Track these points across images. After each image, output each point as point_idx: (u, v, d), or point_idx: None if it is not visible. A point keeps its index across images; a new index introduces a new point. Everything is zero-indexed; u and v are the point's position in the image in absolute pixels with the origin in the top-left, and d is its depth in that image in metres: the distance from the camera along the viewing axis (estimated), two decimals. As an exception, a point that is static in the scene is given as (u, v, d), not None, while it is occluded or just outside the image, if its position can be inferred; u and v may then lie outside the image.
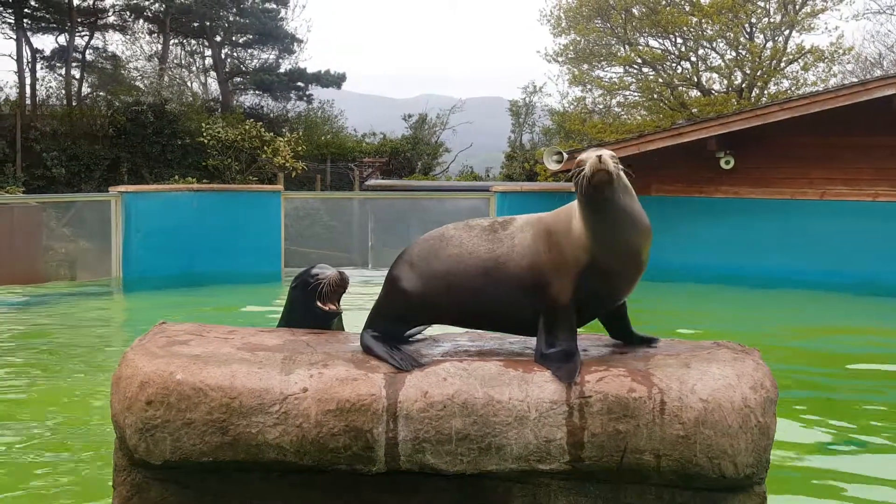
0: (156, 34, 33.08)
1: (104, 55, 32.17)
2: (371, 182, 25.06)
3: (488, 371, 3.30)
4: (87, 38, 30.66)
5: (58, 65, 30.28)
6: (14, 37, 28.79)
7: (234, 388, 3.27)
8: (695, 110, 26.00)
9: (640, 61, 27.56)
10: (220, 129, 25.22)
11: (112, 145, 25.08)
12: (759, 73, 26.42)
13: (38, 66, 29.74)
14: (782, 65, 26.44)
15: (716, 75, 27.99)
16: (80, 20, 29.77)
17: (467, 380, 3.26)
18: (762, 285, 13.97)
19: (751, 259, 14.86)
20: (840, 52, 26.31)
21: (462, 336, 3.87)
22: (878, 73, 29.16)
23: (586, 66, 28.42)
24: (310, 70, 32.95)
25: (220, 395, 3.26)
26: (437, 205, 17.62)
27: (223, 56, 33.68)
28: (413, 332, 3.80)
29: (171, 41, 33.28)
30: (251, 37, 33.04)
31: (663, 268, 9.87)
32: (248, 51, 34.26)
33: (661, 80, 27.74)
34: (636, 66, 27.94)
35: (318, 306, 4.06)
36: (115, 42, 33.52)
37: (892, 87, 13.67)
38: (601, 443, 3.15)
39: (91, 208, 15.45)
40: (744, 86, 26.81)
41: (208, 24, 32.01)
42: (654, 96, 27.79)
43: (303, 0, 39.07)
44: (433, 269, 3.50)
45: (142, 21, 32.36)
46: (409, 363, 3.37)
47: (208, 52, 34.01)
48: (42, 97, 28.98)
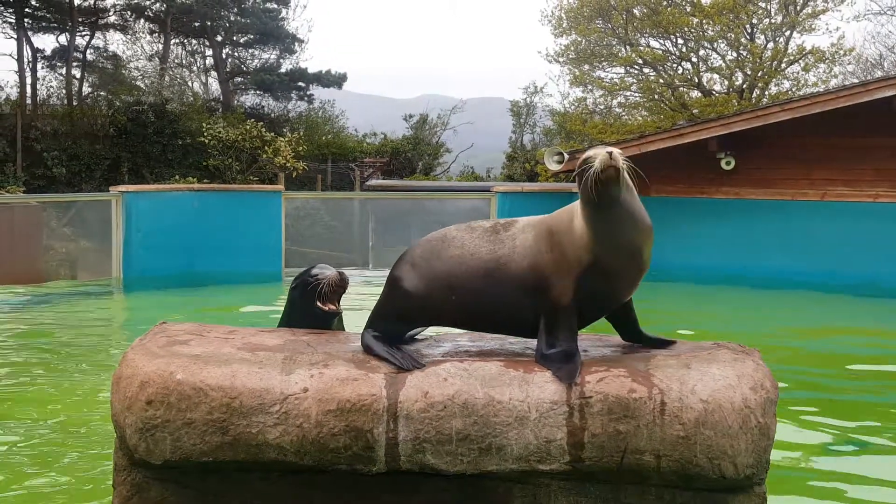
0: (157, 34, 33.07)
1: (105, 55, 32.17)
2: (372, 182, 25.07)
3: (489, 371, 3.30)
4: (87, 38, 30.65)
5: (58, 64, 30.27)
6: (15, 36, 28.78)
7: (235, 387, 3.27)
8: (695, 111, 26.01)
9: (640, 62, 27.56)
10: (220, 129, 25.22)
11: (113, 145, 25.08)
12: (759, 74, 26.42)
13: (39, 65, 29.73)
14: (783, 65, 26.45)
15: (717, 76, 28.01)
16: (80, 20, 29.77)
17: (468, 380, 3.26)
18: (762, 286, 13.96)
19: (751, 259, 14.85)
20: (841, 53, 26.33)
21: (462, 336, 3.86)
22: (878, 74, 29.15)
23: (587, 67, 28.44)
24: (311, 70, 32.99)
25: (221, 394, 3.26)
26: (437, 205, 17.61)
27: (224, 56, 33.68)
28: (414, 332, 3.80)
29: (172, 41, 33.27)
30: (252, 37, 33.04)
31: (664, 268, 9.84)
32: (249, 51, 34.27)
33: (661, 80, 27.74)
34: (637, 67, 27.95)
35: (318, 306, 4.06)
36: (115, 42, 33.55)
37: (893, 89, 13.66)
38: (601, 443, 3.15)
39: (91, 208, 15.44)
40: (745, 86, 26.82)
41: (209, 23, 32.02)
42: (655, 97, 27.80)
43: (304, 0, 38.94)
44: (435, 270, 3.49)
45: (143, 21, 32.36)
46: (410, 363, 3.37)
47: (209, 51, 34.02)
48: (43, 97, 28.97)
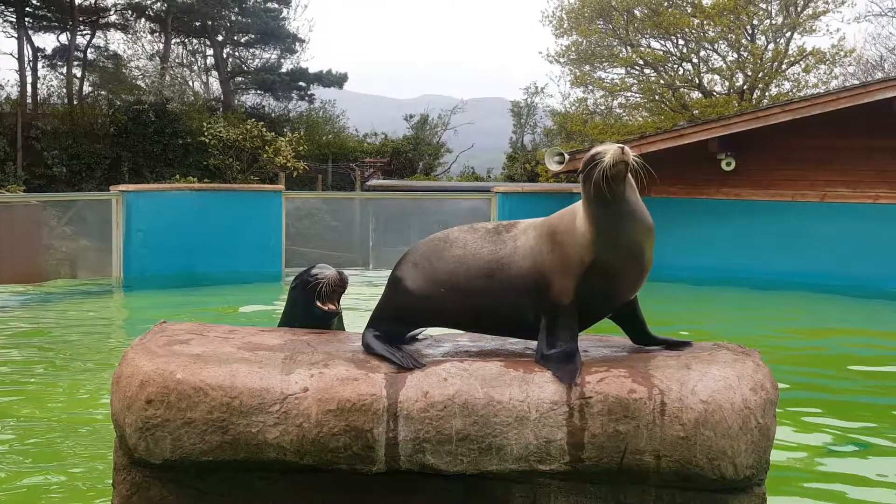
0: (157, 33, 33.08)
1: (106, 54, 32.20)
2: (372, 182, 25.09)
3: (489, 371, 3.30)
4: (88, 37, 30.67)
5: (59, 63, 30.29)
6: (16, 35, 28.80)
7: (235, 387, 3.27)
8: (696, 112, 26.00)
9: (641, 63, 27.56)
10: (221, 129, 25.23)
11: (113, 144, 25.09)
12: (760, 75, 26.42)
13: (40, 64, 29.77)
14: (783, 67, 26.45)
15: (717, 77, 28.00)
16: (81, 19, 29.78)
17: (468, 380, 3.26)
18: (762, 286, 13.97)
19: (751, 260, 14.86)
20: (841, 54, 26.33)
21: (463, 336, 3.86)
22: (879, 75, 29.18)
23: (588, 68, 28.43)
24: (311, 70, 33.05)
25: (221, 394, 3.26)
26: (438, 205, 17.62)
27: (225, 55, 33.69)
28: (414, 332, 3.80)
29: (173, 40, 33.28)
30: (253, 36, 33.06)
31: (664, 269, 9.83)
32: (250, 50, 34.30)
33: (662, 81, 27.74)
34: (638, 68, 27.94)
35: (318, 306, 4.06)
36: (116, 41, 33.53)
37: (893, 90, 13.67)
38: (601, 443, 3.14)
39: (92, 207, 15.44)
40: (745, 87, 26.82)
41: (210, 23, 32.04)
42: (656, 98, 27.79)
43: (305, 0, 38.97)
44: (436, 270, 3.49)
45: (143, 20, 32.37)
46: (411, 362, 3.37)
47: (210, 51, 34.03)
48: (43, 96, 28.98)
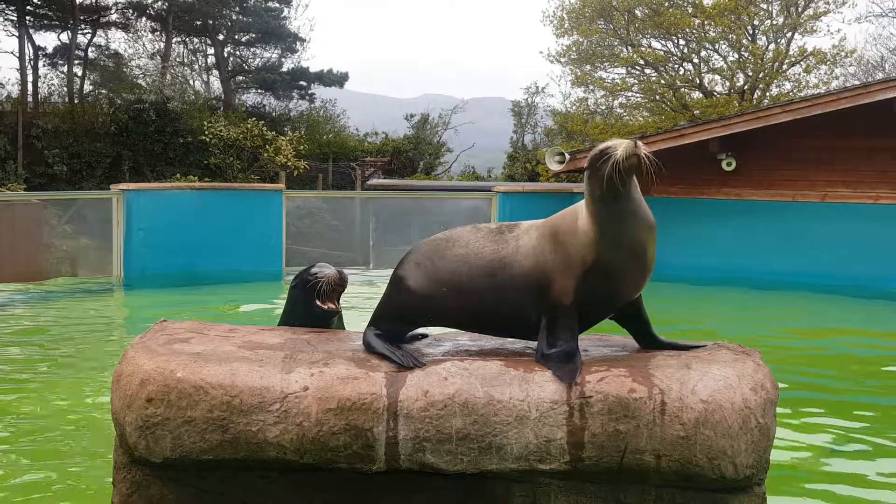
0: (158, 32, 33.05)
1: (106, 53, 32.17)
2: (373, 181, 25.08)
3: (489, 371, 3.30)
4: (89, 36, 30.65)
5: (60, 62, 30.27)
6: (16, 34, 28.78)
7: (235, 386, 3.27)
8: (697, 112, 25.99)
9: (642, 62, 27.55)
10: (222, 128, 25.21)
11: (114, 143, 25.08)
12: (761, 75, 26.41)
13: (41, 63, 29.73)
14: (784, 67, 26.43)
15: (718, 77, 27.99)
16: (82, 18, 29.76)
17: (468, 379, 3.26)
18: (763, 287, 13.96)
19: (752, 260, 14.85)
20: (842, 54, 26.31)
21: (463, 335, 3.86)
22: (879, 75, 29.17)
23: (589, 67, 28.42)
24: (312, 69, 33.00)
25: (221, 393, 3.26)
26: (438, 205, 17.60)
27: (226, 54, 33.67)
28: (415, 332, 3.80)
29: (174, 39, 33.25)
30: (254, 35, 33.03)
31: (664, 269, 9.83)
32: (251, 49, 34.27)
33: (663, 81, 27.73)
34: (638, 68, 27.93)
35: (318, 305, 4.06)
36: (117, 40, 33.59)
37: (894, 90, 13.66)
38: (601, 443, 3.15)
39: (92, 206, 15.44)
40: (746, 88, 26.81)
41: (211, 22, 32.01)
42: (657, 98, 27.78)
43: (305, -1, 38.96)
44: (439, 269, 3.50)
45: (144, 19, 32.34)
46: (411, 361, 3.37)
47: (211, 50, 34.00)
48: (44, 95, 28.96)
